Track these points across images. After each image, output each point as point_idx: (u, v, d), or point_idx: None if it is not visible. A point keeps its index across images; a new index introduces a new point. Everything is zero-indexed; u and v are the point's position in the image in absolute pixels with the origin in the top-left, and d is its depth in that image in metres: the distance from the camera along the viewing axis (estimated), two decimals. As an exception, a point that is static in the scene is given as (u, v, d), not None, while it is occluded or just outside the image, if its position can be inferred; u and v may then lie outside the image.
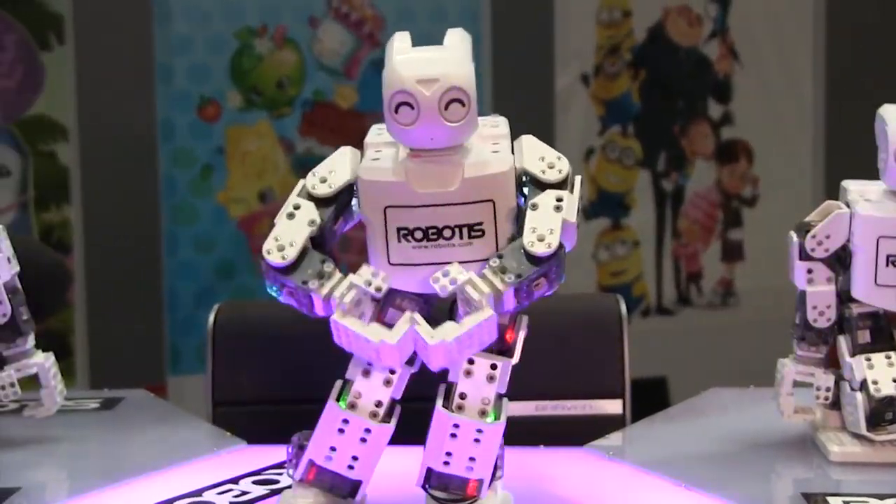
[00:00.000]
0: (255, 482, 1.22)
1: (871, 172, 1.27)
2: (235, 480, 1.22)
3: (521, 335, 1.04)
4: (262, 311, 1.61)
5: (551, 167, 1.03)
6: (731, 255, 3.78)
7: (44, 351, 1.34)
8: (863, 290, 1.26)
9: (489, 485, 1.05)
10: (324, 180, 1.04)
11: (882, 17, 3.78)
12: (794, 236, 1.28)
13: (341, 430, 1.03)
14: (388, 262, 1.01)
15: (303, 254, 1.01)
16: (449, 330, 0.97)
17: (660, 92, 3.69)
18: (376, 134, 1.06)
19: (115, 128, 3.16)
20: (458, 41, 1.00)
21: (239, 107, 3.29)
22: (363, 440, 1.03)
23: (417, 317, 0.98)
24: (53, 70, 3.09)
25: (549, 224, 1.00)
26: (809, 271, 1.28)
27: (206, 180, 3.26)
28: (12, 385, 1.31)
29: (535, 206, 1.01)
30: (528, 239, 0.99)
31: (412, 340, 0.99)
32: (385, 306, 1.03)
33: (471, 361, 1.01)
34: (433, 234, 1.00)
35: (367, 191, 1.02)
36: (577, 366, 1.53)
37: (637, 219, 3.68)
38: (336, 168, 1.05)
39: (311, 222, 1.02)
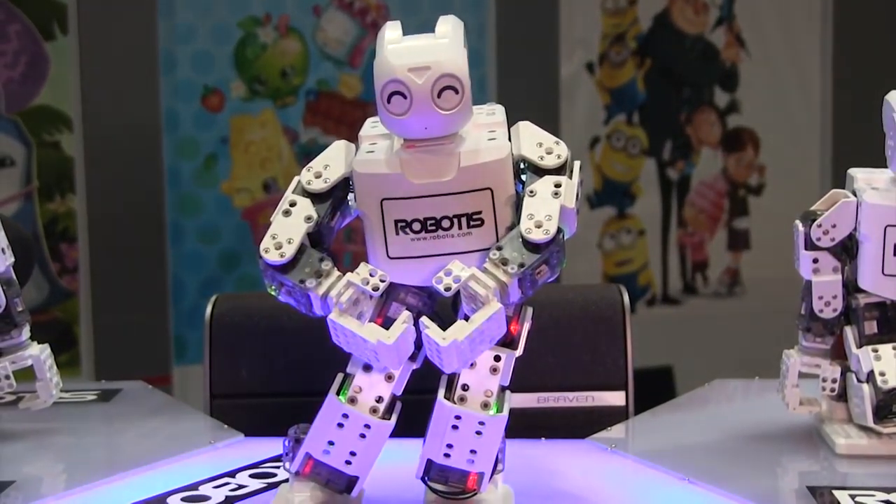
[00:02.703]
0: (251, 475, 1.20)
1: (879, 160, 1.25)
2: (232, 474, 1.21)
3: (526, 327, 1.02)
4: (260, 302, 1.59)
5: (549, 153, 1.01)
6: (738, 244, 3.76)
7: (46, 342, 1.33)
8: (870, 280, 1.24)
9: (490, 478, 1.03)
10: (318, 175, 1.02)
11: (890, 6, 3.75)
12: (799, 225, 1.26)
13: (340, 425, 1.01)
14: (388, 255, 1.00)
15: (301, 251, 0.99)
16: (459, 329, 0.95)
17: (665, 80, 3.66)
18: (371, 126, 1.04)
19: (119, 118, 3.14)
20: (449, 28, 0.99)
21: (243, 96, 3.27)
22: (362, 436, 1.01)
23: (426, 320, 0.96)
24: (57, 60, 3.08)
25: (547, 210, 0.98)
26: (815, 261, 1.26)
27: (211, 170, 3.24)
28: (7, 377, 1.30)
29: (532, 193, 0.99)
30: (525, 226, 0.97)
31: (411, 340, 0.97)
32: (388, 301, 1.01)
33: None
34: (431, 225, 0.98)
35: (363, 184, 1.00)
36: (579, 357, 1.51)
37: (642, 208, 3.66)
38: (330, 163, 1.03)
39: (308, 218, 1.01)
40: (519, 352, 1.01)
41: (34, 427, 1.36)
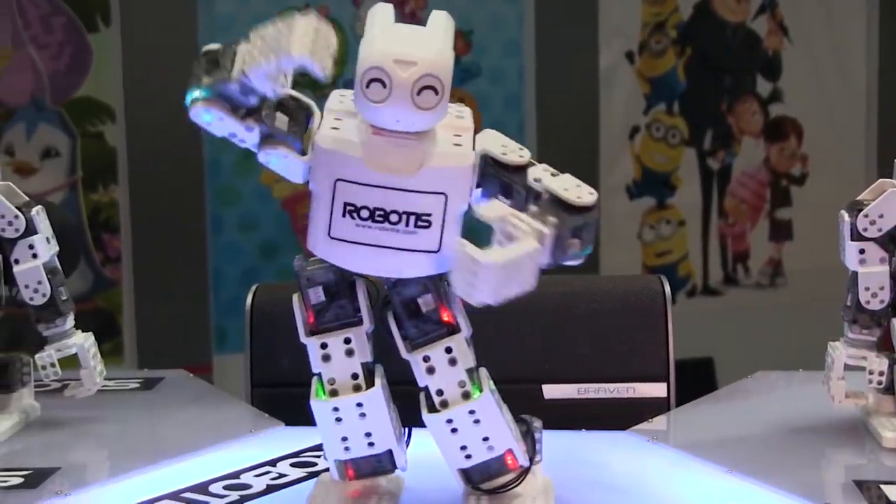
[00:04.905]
0: (292, 464, 1.21)
1: (927, 150, 1.23)
2: (273, 462, 1.22)
3: (456, 304, 1.01)
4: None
5: (512, 151, 1.00)
6: (780, 234, 3.73)
7: (90, 331, 1.35)
8: (918, 271, 1.23)
9: (527, 461, 1.02)
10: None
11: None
12: (845, 216, 1.25)
13: (339, 420, 1.01)
14: (329, 234, 0.98)
15: None
16: (498, 253, 0.93)
17: (706, 69, 3.63)
18: (339, 101, 1.01)
19: (160, 109, 3.15)
20: (441, 27, 0.97)
21: (283, 87, 3.27)
22: (363, 415, 1.01)
23: (462, 240, 0.95)
24: (100, 51, 3.10)
25: (570, 181, 0.98)
26: (862, 251, 1.24)
27: (250, 161, 3.23)
28: (53, 365, 1.31)
29: (538, 180, 0.98)
30: (568, 196, 0.96)
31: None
32: (303, 290, 1.02)
33: (426, 359, 0.99)
34: (379, 216, 0.97)
35: (322, 159, 0.98)
36: (619, 348, 1.50)
37: (683, 198, 3.64)
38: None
39: None
40: (466, 331, 1.00)
41: (78, 415, 1.37)
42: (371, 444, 1.02)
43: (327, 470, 1.07)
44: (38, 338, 1.33)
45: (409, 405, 1.02)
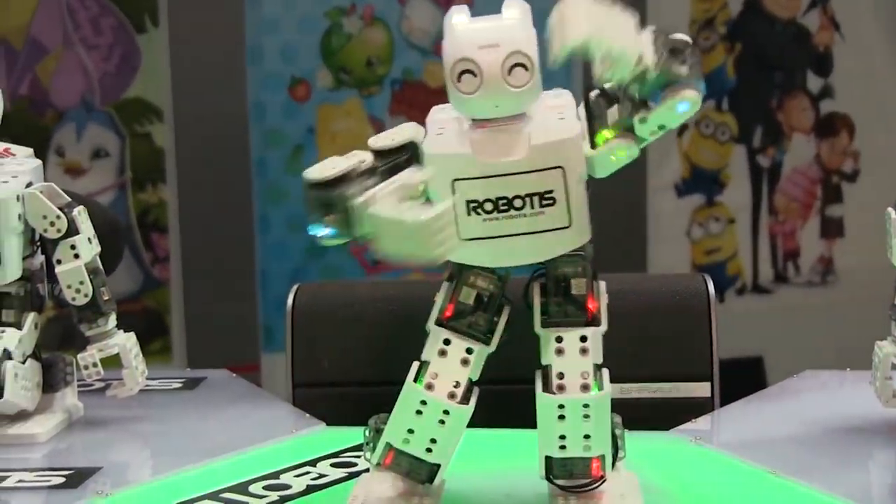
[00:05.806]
0: (332, 465, 1.21)
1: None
2: (313, 462, 1.22)
3: (604, 301, 1.02)
4: (341, 291, 1.60)
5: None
6: (831, 232, 3.67)
7: (138, 330, 1.36)
8: (966, 269, 1.20)
9: (613, 464, 1.02)
10: (385, 137, 1.02)
11: None
12: (892, 213, 1.22)
13: (419, 412, 1.01)
14: (460, 237, 0.99)
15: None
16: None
17: (756, 66, 3.59)
18: (438, 111, 1.04)
19: (208, 109, 3.18)
20: (517, 10, 0.99)
21: (329, 86, 3.29)
22: (441, 422, 1.01)
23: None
24: (149, 52, 3.13)
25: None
26: (909, 249, 1.22)
27: (297, 160, 3.27)
28: (95, 365, 1.33)
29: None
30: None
31: None
32: (458, 284, 1.02)
33: (559, 339, 1.00)
34: (503, 204, 0.98)
35: (434, 165, 1.00)
36: (663, 348, 1.49)
37: (732, 195, 3.60)
38: (398, 131, 1.03)
39: (361, 161, 1.00)
40: (604, 327, 1.01)
41: (121, 414, 1.38)
42: (429, 451, 1.02)
43: (367, 470, 1.07)
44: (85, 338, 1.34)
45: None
